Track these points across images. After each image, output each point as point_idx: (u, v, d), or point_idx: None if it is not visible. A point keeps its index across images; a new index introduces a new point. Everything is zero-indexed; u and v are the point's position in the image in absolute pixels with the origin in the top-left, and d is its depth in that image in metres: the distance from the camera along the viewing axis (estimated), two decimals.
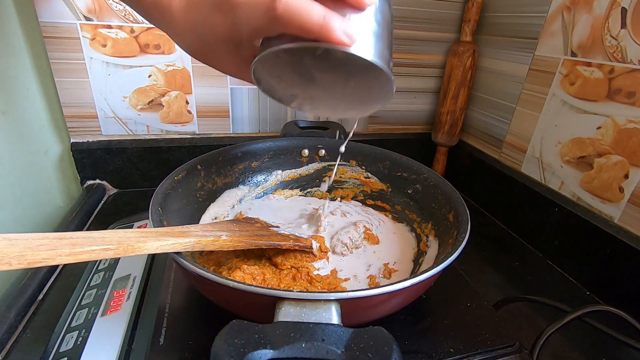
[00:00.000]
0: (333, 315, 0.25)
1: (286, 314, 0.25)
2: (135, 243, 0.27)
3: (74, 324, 0.35)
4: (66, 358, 0.31)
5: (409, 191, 0.51)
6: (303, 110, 0.35)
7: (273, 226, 0.43)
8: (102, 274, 0.42)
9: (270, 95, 0.33)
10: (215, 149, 0.50)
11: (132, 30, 0.56)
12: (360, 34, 0.24)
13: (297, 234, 0.42)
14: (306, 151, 0.57)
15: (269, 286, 0.35)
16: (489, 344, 0.34)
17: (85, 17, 0.53)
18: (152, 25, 0.56)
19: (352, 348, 0.23)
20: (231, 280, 0.27)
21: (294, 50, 0.30)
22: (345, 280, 0.40)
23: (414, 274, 0.40)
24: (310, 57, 0.34)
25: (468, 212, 0.38)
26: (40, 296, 0.40)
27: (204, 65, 0.34)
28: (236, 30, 0.26)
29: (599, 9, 0.47)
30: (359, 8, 0.25)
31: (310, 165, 0.57)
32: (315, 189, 0.57)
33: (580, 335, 0.41)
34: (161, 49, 0.58)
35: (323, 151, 0.57)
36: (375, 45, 0.25)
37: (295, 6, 0.23)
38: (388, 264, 0.42)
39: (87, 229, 0.53)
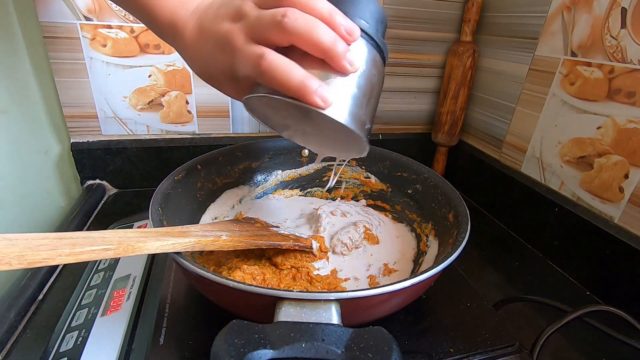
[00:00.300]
0: (333, 315, 0.25)
1: (286, 314, 0.25)
2: (135, 243, 0.27)
3: (74, 324, 0.35)
4: (66, 358, 0.31)
5: (409, 191, 0.51)
6: (293, 141, 0.38)
7: (273, 226, 0.43)
8: (102, 274, 0.42)
9: (264, 122, 0.35)
10: (215, 149, 0.50)
11: (132, 30, 0.56)
12: (338, 97, 0.26)
13: (297, 234, 0.42)
14: (306, 151, 0.57)
15: (269, 286, 0.35)
16: (489, 344, 0.34)
17: (85, 17, 0.53)
18: None
19: (352, 348, 0.23)
20: (231, 280, 0.27)
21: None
22: (345, 280, 0.40)
23: (414, 274, 0.40)
24: None
25: (468, 212, 0.38)
26: (40, 296, 0.40)
27: None
28: (234, 69, 0.29)
29: (599, 9, 0.47)
30: (342, 73, 0.27)
31: (310, 165, 0.57)
32: (315, 189, 0.57)
33: (580, 335, 0.41)
34: (161, 49, 0.58)
35: (326, 155, 0.57)
36: (352, 108, 0.27)
37: (277, 66, 0.25)
38: (388, 264, 0.42)
39: (87, 229, 0.53)
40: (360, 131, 0.27)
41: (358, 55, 0.27)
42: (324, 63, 0.26)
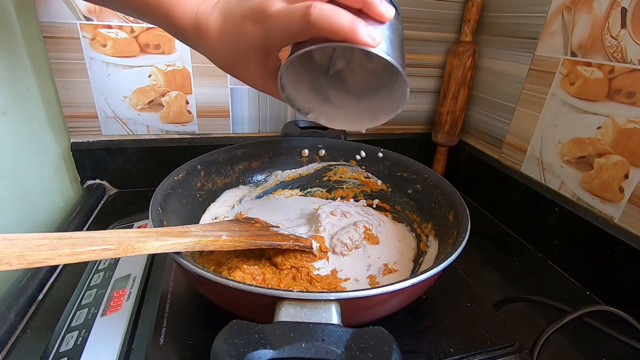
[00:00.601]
0: (333, 315, 0.25)
1: (286, 314, 0.25)
2: (135, 243, 0.27)
3: (74, 324, 0.35)
4: (66, 358, 0.31)
5: (409, 191, 0.51)
6: (319, 122, 0.38)
7: (273, 226, 0.43)
8: (102, 274, 0.42)
9: (291, 104, 0.36)
10: (215, 149, 0.50)
11: (132, 30, 0.56)
12: (382, 40, 0.28)
13: (297, 234, 0.42)
14: (306, 151, 0.57)
15: (269, 286, 0.35)
16: (489, 344, 0.34)
17: (85, 17, 0.53)
18: (152, 25, 0.56)
19: (352, 348, 0.23)
20: (231, 280, 0.27)
21: (319, 54, 0.35)
22: (345, 280, 0.40)
23: (414, 274, 0.40)
24: (326, 78, 0.37)
25: (468, 212, 0.38)
26: (40, 296, 0.40)
27: (204, 65, 0.35)
28: (268, 37, 0.30)
29: (599, 9, 0.47)
30: (380, 21, 0.28)
31: (310, 165, 0.57)
32: (315, 189, 0.57)
33: (580, 335, 0.41)
34: (161, 49, 0.58)
35: (323, 151, 0.57)
36: (394, 51, 0.28)
37: (327, 12, 0.26)
38: (388, 264, 0.42)
39: (87, 229, 0.53)
40: (403, 70, 0.28)
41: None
42: (360, 14, 0.28)
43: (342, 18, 0.26)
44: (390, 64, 0.28)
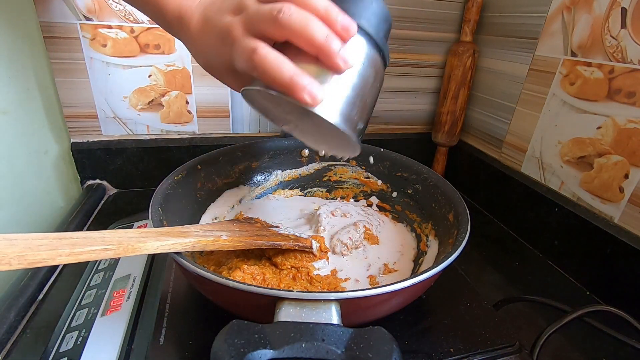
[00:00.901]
0: (333, 315, 0.25)
1: (286, 314, 0.25)
2: (135, 243, 0.27)
3: (74, 324, 0.35)
4: (66, 358, 0.31)
5: (409, 191, 0.51)
6: (291, 134, 0.38)
7: (273, 226, 0.43)
8: (102, 274, 0.42)
9: (264, 115, 0.35)
10: (215, 149, 0.50)
11: (132, 30, 0.56)
12: (329, 95, 0.26)
13: (297, 234, 0.42)
14: (306, 151, 0.57)
15: (269, 286, 0.35)
16: (489, 344, 0.34)
17: (85, 17, 0.53)
18: (152, 25, 0.56)
19: (352, 348, 0.23)
20: (231, 280, 0.27)
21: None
22: (345, 280, 0.40)
23: (414, 274, 0.40)
24: None
25: (468, 212, 0.38)
26: (40, 296, 0.40)
27: None
28: (233, 61, 0.29)
29: (599, 9, 0.47)
30: (336, 70, 0.26)
31: (310, 165, 0.57)
32: (315, 189, 0.57)
33: (580, 335, 0.41)
34: (161, 49, 0.58)
35: (323, 151, 0.57)
36: (343, 107, 0.26)
37: (268, 60, 0.25)
38: (388, 264, 0.42)
39: (87, 229, 0.53)
40: (349, 130, 0.27)
41: (354, 54, 0.27)
42: (319, 60, 0.26)
43: (282, 71, 0.25)
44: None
